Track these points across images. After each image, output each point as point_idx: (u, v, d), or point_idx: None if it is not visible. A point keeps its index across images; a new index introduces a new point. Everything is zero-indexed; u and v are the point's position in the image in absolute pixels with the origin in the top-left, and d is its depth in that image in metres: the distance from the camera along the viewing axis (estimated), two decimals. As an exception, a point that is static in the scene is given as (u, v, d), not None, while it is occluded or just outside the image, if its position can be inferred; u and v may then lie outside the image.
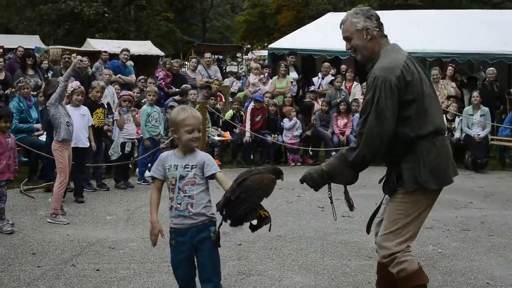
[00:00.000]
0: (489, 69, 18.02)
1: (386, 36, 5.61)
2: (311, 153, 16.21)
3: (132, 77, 17.84)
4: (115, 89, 15.65)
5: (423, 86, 5.29)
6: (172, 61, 19.93)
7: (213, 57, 27.22)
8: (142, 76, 17.28)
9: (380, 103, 5.18)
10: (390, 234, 5.51)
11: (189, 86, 16.86)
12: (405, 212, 5.46)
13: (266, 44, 35.87)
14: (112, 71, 16.35)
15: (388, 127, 5.21)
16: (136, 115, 13.00)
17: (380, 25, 5.57)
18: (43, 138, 12.86)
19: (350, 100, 17.33)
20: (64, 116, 9.95)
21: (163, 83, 17.78)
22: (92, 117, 11.78)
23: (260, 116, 16.04)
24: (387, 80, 5.17)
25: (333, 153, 16.06)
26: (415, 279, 5.39)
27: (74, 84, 11.17)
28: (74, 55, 10.12)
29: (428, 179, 5.33)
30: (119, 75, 17.15)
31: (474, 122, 16.19)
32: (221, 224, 5.52)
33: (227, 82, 23.46)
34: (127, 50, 18.37)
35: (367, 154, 5.54)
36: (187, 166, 5.46)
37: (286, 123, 16.27)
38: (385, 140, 5.27)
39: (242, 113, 16.62)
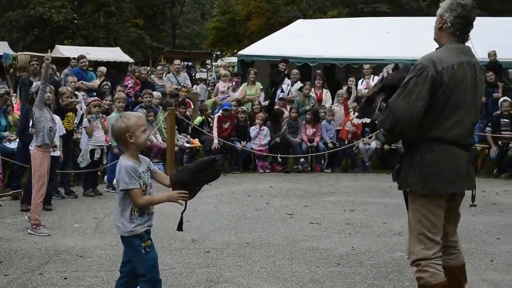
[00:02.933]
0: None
1: (461, 36, 5.45)
2: (279, 160, 16.23)
3: (94, 83, 17.78)
4: (82, 96, 15.55)
5: (453, 95, 5.23)
6: (140, 68, 19.88)
7: (182, 63, 27.14)
8: (106, 82, 17.22)
9: (409, 85, 5.21)
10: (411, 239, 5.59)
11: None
12: (413, 217, 5.53)
13: (235, 51, 35.89)
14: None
15: (409, 110, 5.18)
16: (105, 122, 12.95)
17: (457, 23, 5.38)
18: (11, 144, 12.80)
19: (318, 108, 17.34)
20: (49, 121, 9.82)
21: (133, 91, 17.72)
22: (63, 121, 11.75)
23: (228, 123, 16.04)
24: (426, 69, 5.18)
25: (302, 159, 16.17)
26: None
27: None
28: (47, 55, 10.01)
29: (417, 182, 5.34)
30: (81, 81, 17.04)
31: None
32: (184, 210, 5.54)
33: (197, 89, 23.45)
34: (84, 57, 18.24)
35: (385, 126, 5.50)
36: (146, 171, 5.47)
37: (252, 131, 16.28)
38: (403, 121, 5.23)
39: (210, 120, 16.63)
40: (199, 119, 16.75)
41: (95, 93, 16.73)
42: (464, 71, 5.27)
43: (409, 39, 20.61)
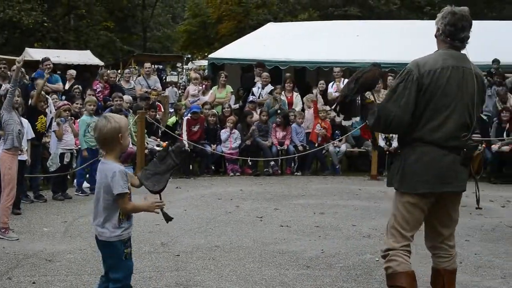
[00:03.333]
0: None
1: (452, 43, 5.68)
2: (250, 163, 16.24)
3: (59, 85, 17.70)
4: (52, 100, 15.45)
5: (433, 98, 5.48)
6: (108, 72, 19.80)
7: (153, 67, 27.05)
8: (76, 86, 17.15)
9: (398, 89, 5.51)
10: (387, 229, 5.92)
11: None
12: (393, 210, 5.84)
13: (206, 54, 35.86)
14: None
15: (396, 114, 5.49)
16: (74, 125, 12.90)
17: (447, 30, 5.65)
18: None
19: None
20: (17, 124, 9.77)
21: (102, 95, 17.66)
22: (37, 122, 11.70)
23: (198, 126, 16.00)
24: (411, 73, 5.49)
25: (272, 163, 16.18)
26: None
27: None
28: (19, 58, 9.95)
29: (398, 180, 5.65)
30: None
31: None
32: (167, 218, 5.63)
33: (167, 92, 23.39)
34: (48, 59, 18.10)
35: (374, 128, 6.00)
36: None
37: (222, 134, 16.27)
38: (391, 124, 5.57)
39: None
40: (173, 119, 16.71)
41: (63, 97, 16.65)
42: (448, 76, 5.50)
43: (379, 42, 20.76)
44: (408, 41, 20.47)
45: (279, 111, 17.02)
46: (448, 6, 5.73)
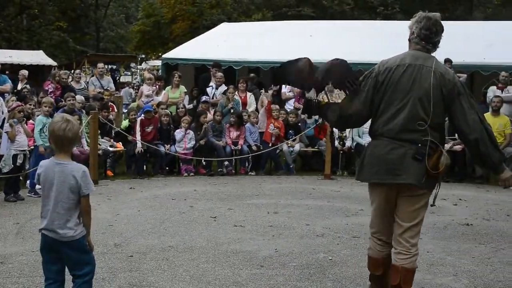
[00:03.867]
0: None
1: (425, 46, 6.02)
2: (204, 163, 16.22)
3: (6, 86, 17.54)
4: (6, 101, 15.32)
5: (386, 93, 5.91)
6: (60, 72, 19.66)
7: (106, 67, 26.92)
8: (26, 86, 17.01)
9: (362, 85, 6.05)
10: None
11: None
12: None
13: (160, 54, 35.74)
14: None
15: (357, 108, 6.04)
16: (26, 125, 12.80)
17: (422, 33, 5.98)
18: None
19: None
20: None
21: (53, 96, 17.51)
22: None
23: (151, 127, 15.94)
24: (374, 71, 6.02)
25: (226, 162, 16.18)
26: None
27: None
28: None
29: (358, 171, 6.27)
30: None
31: (365, 131, 16.49)
32: None
33: (122, 92, 23.29)
34: None
35: (336, 124, 6.56)
36: None
37: (177, 134, 16.24)
38: (352, 118, 6.15)
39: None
40: (125, 123, 16.62)
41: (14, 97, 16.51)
42: (402, 72, 5.88)
43: (333, 42, 20.87)
44: (361, 41, 20.66)
45: (232, 111, 17.03)
46: (421, 12, 6.11)
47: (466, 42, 19.50)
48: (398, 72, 5.88)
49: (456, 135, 6.17)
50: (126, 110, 18.04)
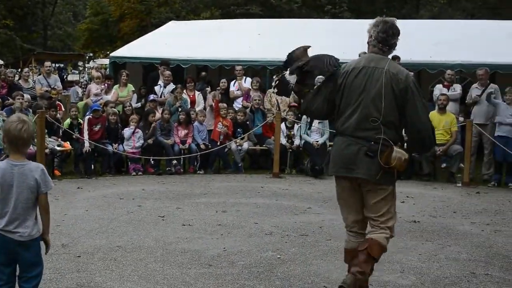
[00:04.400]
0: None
1: (382, 48, 6.45)
2: (152, 162, 16.16)
3: None
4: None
5: (344, 94, 6.41)
6: (6, 71, 19.43)
7: (53, 65, 26.69)
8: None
9: (322, 86, 6.63)
10: None
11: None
12: None
13: (108, 53, 35.49)
14: None
15: (318, 105, 6.63)
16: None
17: (379, 37, 6.41)
18: None
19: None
20: None
21: (-1, 94, 17.33)
22: None
23: (99, 126, 15.82)
24: (335, 74, 6.49)
25: (174, 161, 16.14)
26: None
27: None
28: None
29: (325, 165, 6.76)
30: None
31: (313, 129, 16.61)
32: None
33: (70, 91, 23.09)
34: None
35: (304, 112, 7.42)
36: None
37: (125, 132, 16.15)
38: (314, 113, 6.92)
39: (80, 121, 16.30)
40: (67, 121, 16.44)
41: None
42: (356, 74, 6.36)
43: (281, 40, 20.88)
44: (309, 40, 20.65)
45: (180, 109, 16.97)
46: (378, 17, 6.56)
47: (413, 40, 19.69)
48: (353, 75, 6.36)
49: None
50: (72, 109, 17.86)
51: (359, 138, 6.30)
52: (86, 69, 44.78)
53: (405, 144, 6.71)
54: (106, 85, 18.25)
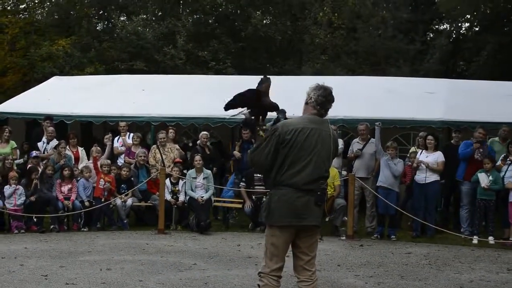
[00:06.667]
0: (202, 133, 18.58)
1: (320, 111, 7.27)
2: (35, 219, 15.88)
3: None
4: None
5: (293, 150, 6.99)
6: None
7: None
8: None
9: (265, 141, 7.10)
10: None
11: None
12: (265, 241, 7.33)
13: (-10, 108, 34.80)
14: None
15: (260, 159, 7.11)
16: None
17: (319, 100, 7.24)
18: None
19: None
20: None
21: None
22: None
23: (-21, 183, 15.51)
24: (277, 130, 7.05)
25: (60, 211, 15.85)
26: None
27: None
28: None
29: (266, 215, 7.17)
30: None
31: (198, 185, 16.71)
32: None
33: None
34: None
35: (249, 160, 7.53)
36: None
37: (6, 190, 15.84)
38: (257, 166, 7.53)
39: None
40: None
41: None
42: (307, 134, 7.04)
43: (165, 96, 21.03)
44: (193, 96, 20.87)
45: (64, 165, 16.78)
46: (317, 83, 7.42)
47: (296, 97, 20.06)
48: (303, 134, 7.02)
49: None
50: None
51: (308, 190, 7.02)
52: (-33, 124, 43.70)
53: None
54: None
